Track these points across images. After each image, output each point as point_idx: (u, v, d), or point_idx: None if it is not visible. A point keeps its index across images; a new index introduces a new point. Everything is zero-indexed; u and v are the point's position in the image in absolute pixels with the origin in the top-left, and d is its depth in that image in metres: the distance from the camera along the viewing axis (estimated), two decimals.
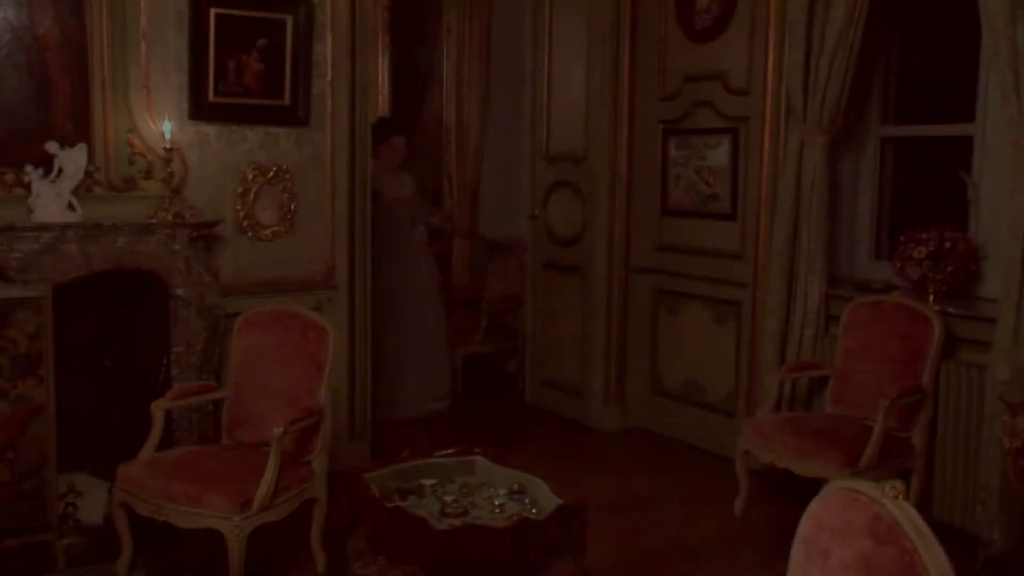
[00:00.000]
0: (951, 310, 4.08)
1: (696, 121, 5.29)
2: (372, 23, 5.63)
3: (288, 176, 4.55)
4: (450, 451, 3.18)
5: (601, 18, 5.52)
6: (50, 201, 3.82)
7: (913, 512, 1.55)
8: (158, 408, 3.68)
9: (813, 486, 2.35)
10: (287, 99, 4.46)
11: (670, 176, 5.47)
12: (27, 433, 3.54)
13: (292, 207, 4.57)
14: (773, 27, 4.74)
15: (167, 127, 4.07)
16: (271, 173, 4.50)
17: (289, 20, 4.39)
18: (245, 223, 4.46)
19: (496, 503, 2.87)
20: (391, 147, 5.93)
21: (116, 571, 3.54)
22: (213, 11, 4.19)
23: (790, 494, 4.35)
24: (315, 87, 4.55)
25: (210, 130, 4.34)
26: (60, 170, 3.86)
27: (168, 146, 4.06)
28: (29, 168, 3.82)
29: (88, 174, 3.97)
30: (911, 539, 1.51)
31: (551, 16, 5.89)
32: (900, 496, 1.57)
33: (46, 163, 3.85)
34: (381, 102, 6.97)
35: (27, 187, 3.82)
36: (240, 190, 4.43)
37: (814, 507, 1.71)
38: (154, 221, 4.02)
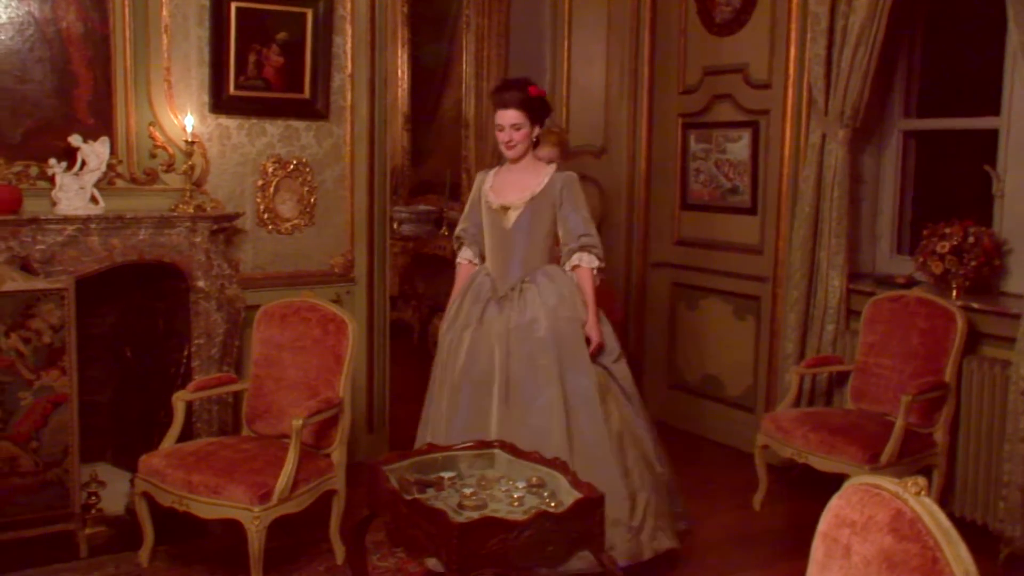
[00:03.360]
0: (974, 305, 4.04)
1: (716, 115, 5.26)
2: (392, 17, 5.64)
3: (308, 169, 4.56)
4: (469, 444, 3.18)
5: (620, 11, 5.50)
6: (73, 194, 3.85)
7: (936, 508, 1.54)
8: (179, 400, 3.71)
9: (833, 482, 2.34)
10: (307, 92, 4.47)
11: (690, 170, 5.45)
12: (50, 423, 3.58)
13: (311, 200, 4.59)
14: (795, 19, 4.71)
15: (189, 121, 4.09)
16: (291, 166, 4.51)
17: (309, 13, 4.40)
18: (265, 216, 4.48)
19: (515, 496, 2.87)
20: (537, 140, 3.80)
21: (138, 560, 3.58)
22: (234, 4, 4.20)
23: (809, 490, 4.33)
24: (335, 80, 4.56)
25: (231, 123, 4.36)
26: (83, 163, 3.90)
27: (190, 139, 4.09)
28: (53, 161, 3.86)
29: (110, 167, 4.00)
30: (934, 536, 1.50)
31: (570, 9, 5.88)
32: (922, 492, 1.56)
33: (69, 156, 3.89)
34: (400, 96, 6.99)
35: (51, 180, 3.86)
36: (260, 183, 4.45)
37: (835, 503, 1.70)
38: (175, 214, 4.05)
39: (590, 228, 3.71)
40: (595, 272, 3.70)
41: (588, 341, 3.61)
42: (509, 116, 3.65)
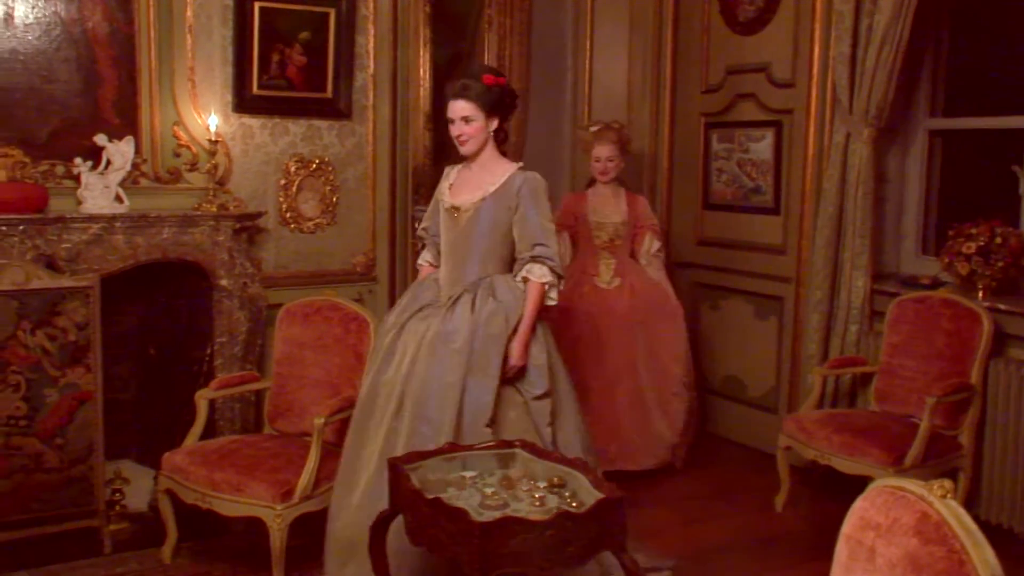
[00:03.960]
0: (1001, 307, 3.99)
1: (739, 114, 5.23)
2: (414, 16, 5.65)
3: (330, 168, 4.58)
4: (491, 443, 3.17)
5: (643, 10, 5.48)
6: (99, 193, 3.89)
7: (962, 511, 1.52)
8: (202, 398, 3.74)
9: (856, 484, 2.32)
10: (329, 92, 4.49)
11: (712, 169, 5.42)
12: (75, 420, 3.61)
13: (334, 199, 4.60)
14: (819, 18, 4.67)
15: (213, 120, 4.12)
16: (313, 165, 4.53)
17: (332, 13, 4.42)
18: (287, 215, 4.50)
19: (536, 496, 2.86)
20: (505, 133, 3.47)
21: (161, 557, 3.60)
22: (257, 4, 4.22)
23: (832, 491, 4.30)
24: (357, 80, 4.58)
25: (254, 123, 4.38)
26: (108, 162, 3.93)
27: (213, 139, 4.11)
28: (78, 160, 3.89)
29: (135, 166, 4.03)
30: (960, 539, 1.49)
31: (593, 8, 5.86)
32: (948, 495, 1.54)
33: (95, 155, 3.92)
34: (422, 95, 7.00)
35: (76, 179, 3.90)
36: (283, 182, 4.47)
37: (859, 505, 1.68)
38: (198, 213, 4.08)
39: (548, 237, 3.25)
40: (546, 287, 3.23)
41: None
42: (458, 108, 3.25)
